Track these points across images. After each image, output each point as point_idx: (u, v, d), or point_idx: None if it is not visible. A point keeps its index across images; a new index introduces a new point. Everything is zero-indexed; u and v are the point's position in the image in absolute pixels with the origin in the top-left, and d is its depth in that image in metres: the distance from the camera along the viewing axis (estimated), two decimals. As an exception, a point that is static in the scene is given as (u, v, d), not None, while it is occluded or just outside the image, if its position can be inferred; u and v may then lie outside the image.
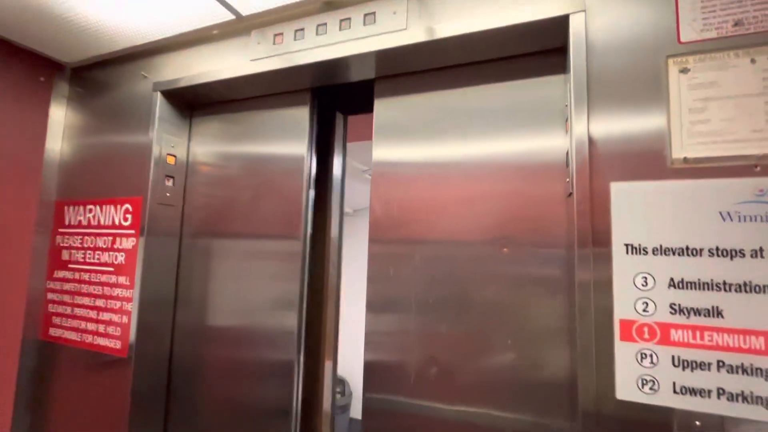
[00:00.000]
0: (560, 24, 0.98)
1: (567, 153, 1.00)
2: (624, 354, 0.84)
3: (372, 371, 1.19)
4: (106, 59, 1.67)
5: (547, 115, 1.09)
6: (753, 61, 0.82)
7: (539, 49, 1.11)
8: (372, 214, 1.26)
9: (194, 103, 1.62)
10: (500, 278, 1.09)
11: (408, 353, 1.16)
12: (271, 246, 1.42)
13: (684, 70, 0.86)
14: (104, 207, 1.60)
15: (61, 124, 1.76)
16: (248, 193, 1.48)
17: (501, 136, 1.14)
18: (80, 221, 1.66)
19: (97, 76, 1.71)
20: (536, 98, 1.11)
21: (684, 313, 0.81)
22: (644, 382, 0.82)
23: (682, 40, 0.87)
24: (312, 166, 1.41)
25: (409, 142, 1.24)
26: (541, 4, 0.99)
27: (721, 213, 0.81)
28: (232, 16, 1.34)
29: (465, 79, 1.21)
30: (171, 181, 1.56)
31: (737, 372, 0.76)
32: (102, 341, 1.52)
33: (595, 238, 0.89)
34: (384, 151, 1.27)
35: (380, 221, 1.24)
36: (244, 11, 1.31)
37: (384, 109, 1.29)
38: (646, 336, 0.83)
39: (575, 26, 0.95)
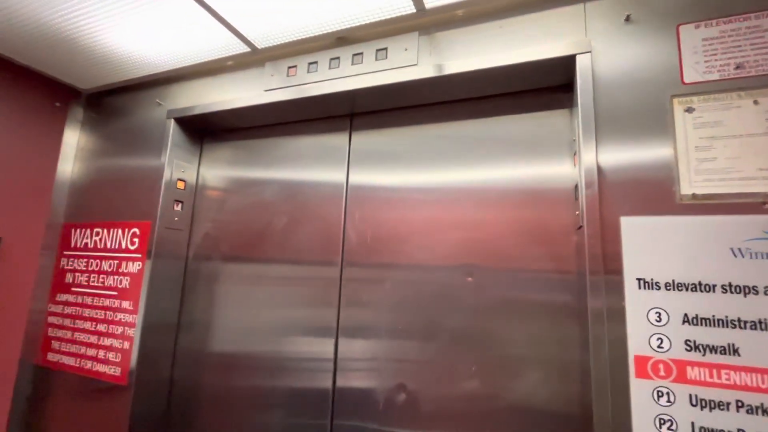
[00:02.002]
0: (567, 63, 1.02)
1: (576, 186, 1.02)
2: (640, 391, 0.83)
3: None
4: (122, 86, 1.72)
5: (551, 148, 1.12)
6: (756, 102, 0.84)
7: (545, 86, 1.15)
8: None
9: (206, 129, 1.65)
10: (508, 308, 1.09)
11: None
12: (301, 271, 1.40)
13: (689, 110, 0.89)
14: (112, 230, 1.60)
15: (73, 148, 1.79)
16: (265, 218, 1.49)
17: (505, 168, 1.17)
18: (86, 244, 1.65)
19: (112, 102, 1.76)
20: (541, 131, 1.14)
21: (700, 350, 0.81)
22: (662, 421, 0.80)
23: (686, 80, 0.91)
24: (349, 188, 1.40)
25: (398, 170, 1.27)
26: (548, 45, 1.04)
27: (732, 249, 0.81)
28: (247, 49, 1.39)
29: (469, 113, 1.24)
30: (180, 205, 1.57)
31: (757, 413, 0.75)
32: (101, 368, 1.48)
33: (607, 271, 0.89)
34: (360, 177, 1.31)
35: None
36: (260, 44, 1.36)
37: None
38: (662, 373, 0.82)
39: (582, 66, 0.98)
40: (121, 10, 1.23)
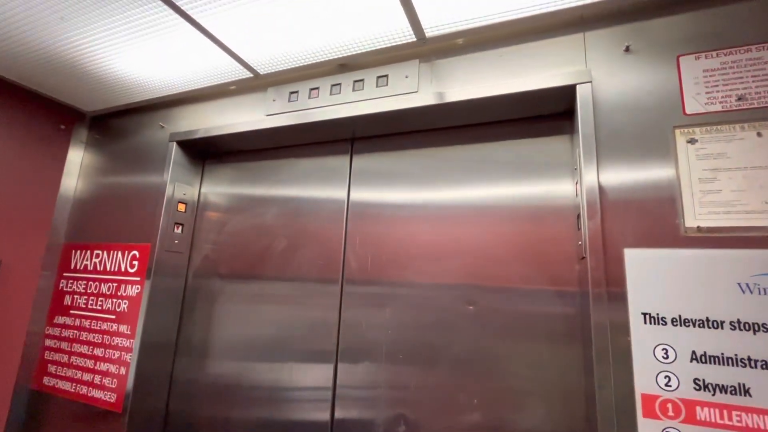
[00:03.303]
0: (567, 93, 1.02)
1: (578, 216, 1.00)
2: (648, 433, 0.80)
3: None
4: (126, 109, 1.74)
5: (552, 173, 1.11)
6: (759, 134, 0.84)
7: (545, 113, 1.14)
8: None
9: (208, 152, 1.66)
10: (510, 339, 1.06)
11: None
12: (301, 291, 1.38)
13: (691, 141, 0.88)
14: (111, 252, 1.60)
15: (77, 170, 1.80)
16: (266, 241, 1.48)
17: (507, 192, 1.16)
18: (86, 266, 1.65)
19: (116, 124, 1.77)
20: (542, 156, 1.14)
21: (709, 390, 0.78)
22: (672, 465, 0.77)
23: (688, 111, 0.90)
24: (350, 210, 1.39)
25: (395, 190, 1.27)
26: (548, 73, 1.04)
27: (739, 284, 0.79)
28: (249, 75, 1.40)
29: (470, 138, 1.24)
30: (180, 228, 1.56)
31: (771, 459, 0.72)
32: (96, 393, 1.46)
33: (611, 305, 0.87)
34: (361, 199, 1.30)
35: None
36: (262, 70, 1.38)
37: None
38: (671, 413, 0.79)
39: (582, 95, 0.98)
40: (125, 37, 1.25)
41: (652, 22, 0.97)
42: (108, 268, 1.58)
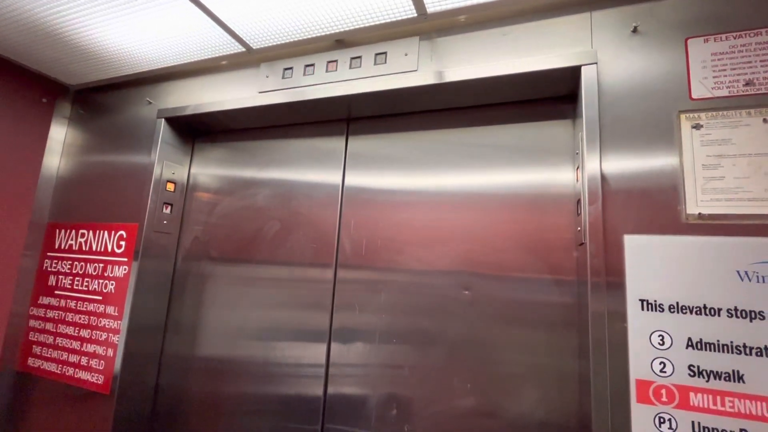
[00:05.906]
0: (572, 74, 0.99)
1: (578, 201, 0.99)
2: (641, 417, 0.80)
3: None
4: (111, 83, 1.66)
5: (553, 158, 1.09)
6: (765, 120, 0.82)
7: (548, 96, 1.12)
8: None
9: (197, 130, 1.60)
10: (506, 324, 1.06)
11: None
12: (294, 275, 1.35)
13: (696, 126, 0.86)
14: (97, 232, 1.55)
15: (60, 146, 1.73)
16: (258, 223, 1.45)
17: (506, 177, 1.14)
18: (71, 245, 1.60)
19: (101, 99, 1.70)
20: (543, 141, 1.12)
21: (703, 376, 0.78)
22: (663, 449, 0.78)
23: (694, 96, 0.88)
24: (345, 193, 1.35)
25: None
26: (553, 54, 1.01)
27: (738, 272, 0.79)
28: (242, 49, 1.34)
29: (470, 121, 1.21)
30: (169, 208, 1.52)
31: (762, 444, 0.73)
32: (83, 375, 1.43)
33: (609, 291, 0.87)
34: (356, 182, 1.27)
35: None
36: (255, 44, 1.32)
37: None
38: (664, 399, 0.79)
39: (587, 77, 0.95)
40: (111, 5, 1.18)
41: (662, 3, 0.94)
42: (94, 248, 1.54)
